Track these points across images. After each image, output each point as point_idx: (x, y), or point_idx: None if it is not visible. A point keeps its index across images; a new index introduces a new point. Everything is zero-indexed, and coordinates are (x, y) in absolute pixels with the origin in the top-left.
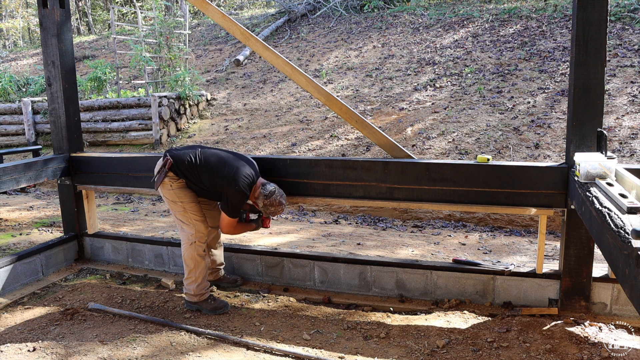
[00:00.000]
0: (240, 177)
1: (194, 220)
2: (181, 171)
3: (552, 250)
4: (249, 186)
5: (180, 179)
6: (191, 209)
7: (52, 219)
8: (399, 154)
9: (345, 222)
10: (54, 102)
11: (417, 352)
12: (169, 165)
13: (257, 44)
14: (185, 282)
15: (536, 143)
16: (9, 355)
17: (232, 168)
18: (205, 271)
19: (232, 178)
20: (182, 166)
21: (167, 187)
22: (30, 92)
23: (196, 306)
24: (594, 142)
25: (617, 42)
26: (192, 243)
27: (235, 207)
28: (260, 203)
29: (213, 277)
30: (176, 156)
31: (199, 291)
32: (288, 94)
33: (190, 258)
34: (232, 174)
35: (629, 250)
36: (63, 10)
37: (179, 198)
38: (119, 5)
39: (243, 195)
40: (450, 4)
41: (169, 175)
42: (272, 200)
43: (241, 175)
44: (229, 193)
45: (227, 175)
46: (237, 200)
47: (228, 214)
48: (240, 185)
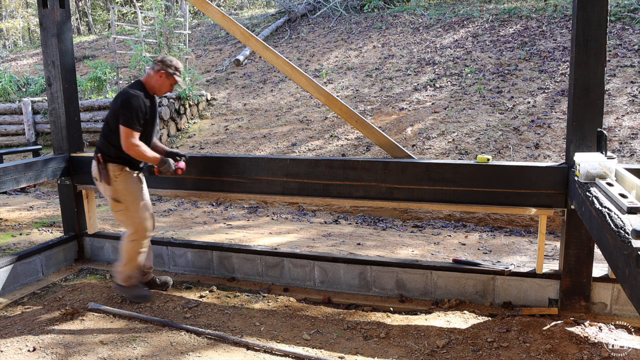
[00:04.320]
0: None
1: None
2: (110, 156)
3: (552, 250)
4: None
5: (118, 163)
6: (135, 207)
7: (52, 219)
8: (399, 154)
9: (345, 222)
10: (54, 102)
11: (417, 352)
12: (102, 158)
13: (257, 44)
14: (119, 268)
15: (536, 143)
16: (9, 355)
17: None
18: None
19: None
20: (107, 149)
21: (113, 179)
22: (30, 92)
23: (123, 290)
24: (594, 142)
25: (617, 42)
26: (134, 240)
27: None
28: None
29: (144, 279)
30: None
31: (127, 280)
32: (288, 94)
33: (126, 251)
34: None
35: (629, 250)
36: (63, 10)
37: (125, 193)
38: (119, 5)
39: (137, 100)
40: (450, 4)
41: (109, 166)
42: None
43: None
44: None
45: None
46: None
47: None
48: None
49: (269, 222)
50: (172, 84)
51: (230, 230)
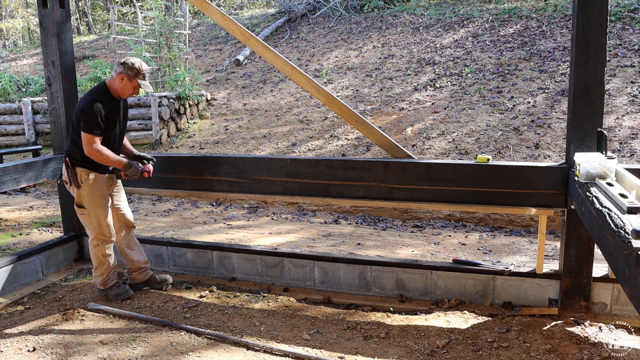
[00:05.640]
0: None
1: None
2: (77, 160)
3: (552, 250)
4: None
5: (85, 167)
6: (96, 213)
7: (52, 219)
8: (399, 154)
9: (345, 222)
10: (54, 102)
11: (417, 352)
12: (70, 162)
13: (257, 44)
14: (94, 274)
15: (536, 143)
16: (9, 355)
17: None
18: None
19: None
20: (74, 152)
21: (80, 183)
22: (30, 92)
23: (104, 292)
24: (594, 142)
25: (617, 42)
26: (96, 245)
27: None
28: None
29: (143, 277)
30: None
31: (104, 283)
32: (288, 94)
33: (96, 257)
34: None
35: (629, 250)
36: (63, 10)
37: (88, 200)
38: (119, 5)
39: (97, 105)
40: (450, 4)
41: (77, 170)
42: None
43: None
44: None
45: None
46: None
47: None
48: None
49: (269, 222)
50: (135, 86)
51: (230, 230)
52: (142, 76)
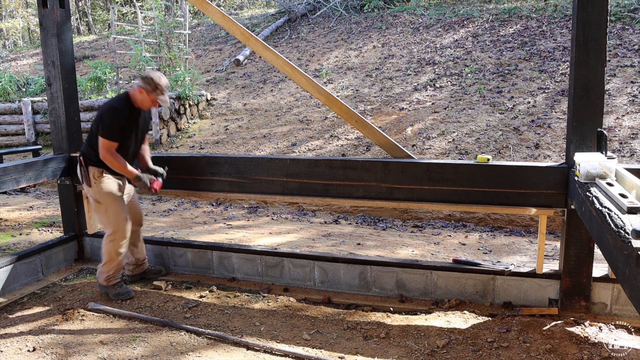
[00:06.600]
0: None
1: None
2: (91, 159)
3: (552, 250)
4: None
5: (98, 167)
6: (114, 208)
7: (52, 219)
8: (399, 154)
9: (345, 222)
10: (54, 102)
11: (417, 352)
12: (84, 161)
13: (257, 44)
14: (101, 268)
15: (536, 143)
16: (9, 355)
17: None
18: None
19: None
20: (89, 152)
21: (92, 181)
22: (30, 92)
23: (105, 290)
24: (594, 142)
25: (617, 42)
26: (112, 240)
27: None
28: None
29: (140, 270)
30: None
31: (107, 280)
32: (288, 94)
33: (108, 253)
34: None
35: (629, 250)
36: (63, 10)
37: (103, 195)
38: (119, 5)
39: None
40: (450, 4)
41: (90, 169)
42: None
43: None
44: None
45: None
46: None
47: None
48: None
49: (269, 222)
50: (153, 100)
51: (230, 230)
52: (160, 91)
